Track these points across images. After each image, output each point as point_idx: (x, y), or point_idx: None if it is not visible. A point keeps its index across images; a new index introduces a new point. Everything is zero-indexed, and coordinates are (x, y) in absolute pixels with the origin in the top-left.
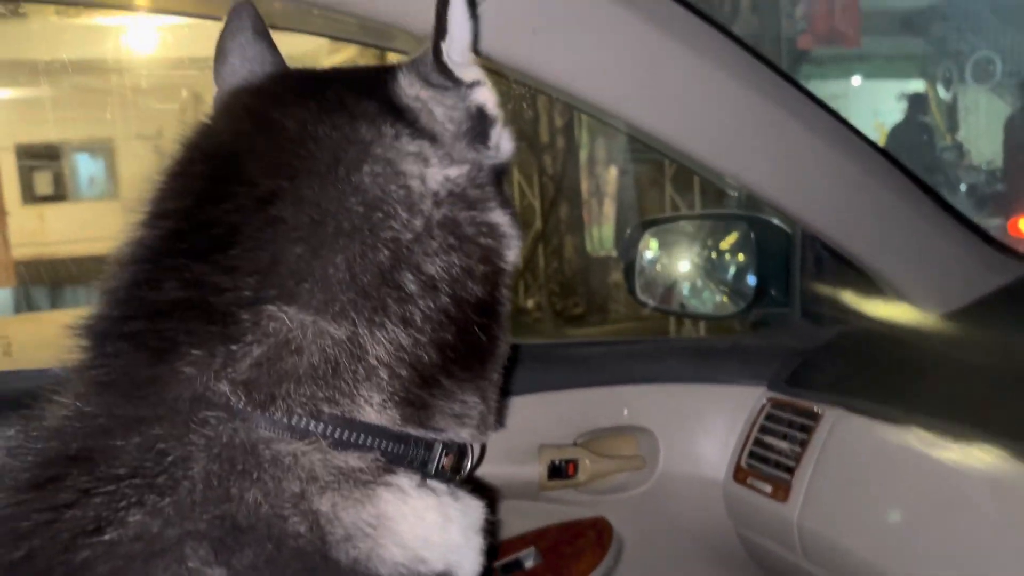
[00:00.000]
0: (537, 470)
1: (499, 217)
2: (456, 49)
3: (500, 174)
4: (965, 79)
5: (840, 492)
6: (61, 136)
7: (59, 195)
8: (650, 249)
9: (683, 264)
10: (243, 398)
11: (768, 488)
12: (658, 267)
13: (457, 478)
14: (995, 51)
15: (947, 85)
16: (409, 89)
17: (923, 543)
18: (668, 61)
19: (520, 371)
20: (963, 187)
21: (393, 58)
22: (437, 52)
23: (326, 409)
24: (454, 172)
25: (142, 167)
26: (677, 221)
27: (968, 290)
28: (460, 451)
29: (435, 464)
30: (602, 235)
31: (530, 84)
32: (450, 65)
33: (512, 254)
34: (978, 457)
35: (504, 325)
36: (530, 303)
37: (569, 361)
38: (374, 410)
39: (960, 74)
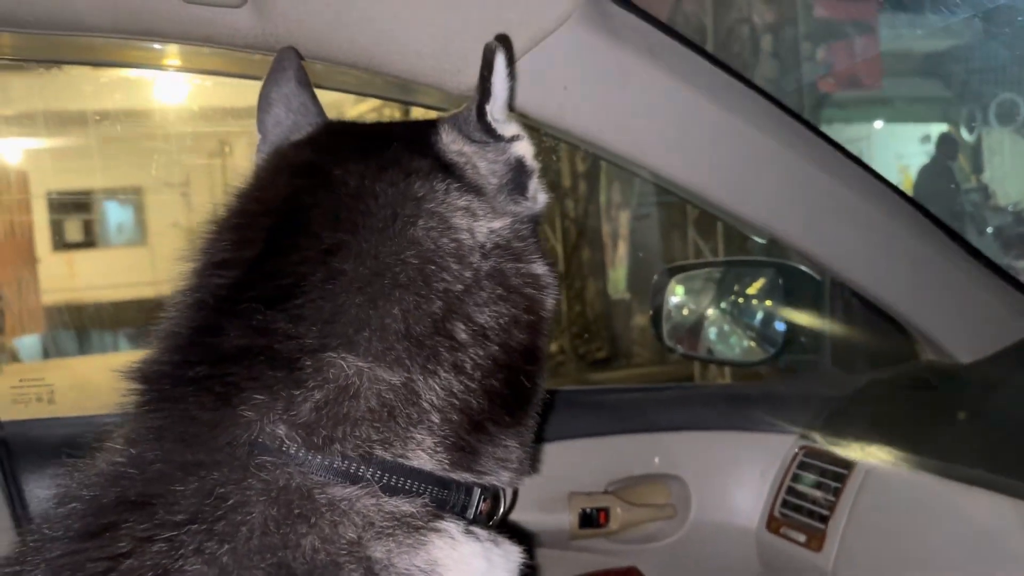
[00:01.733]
0: (568, 518)
1: (540, 268)
2: (497, 107)
3: (536, 224)
4: (989, 121)
5: (875, 542)
6: (91, 184)
7: (88, 242)
8: (676, 295)
9: (710, 310)
10: (301, 442)
11: (802, 537)
12: (685, 313)
13: (492, 523)
14: (1018, 93)
15: (970, 127)
16: (453, 145)
17: None
18: (695, 114)
19: (551, 417)
20: (989, 229)
21: (417, 111)
22: (482, 112)
23: (379, 453)
24: (498, 224)
25: (170, 215)
26: (704, 267)
27: (998, 336)
28: (494, 496)
29: (474, 509)
30: (620, 278)
31: (561, 138)
32: (493, 124)
33: (551, 303)
34: (1012, 508)
35: (544, 371)
36: (553, 347)
37: (599, 408)
38: (425, 454)
39: (983, 116)
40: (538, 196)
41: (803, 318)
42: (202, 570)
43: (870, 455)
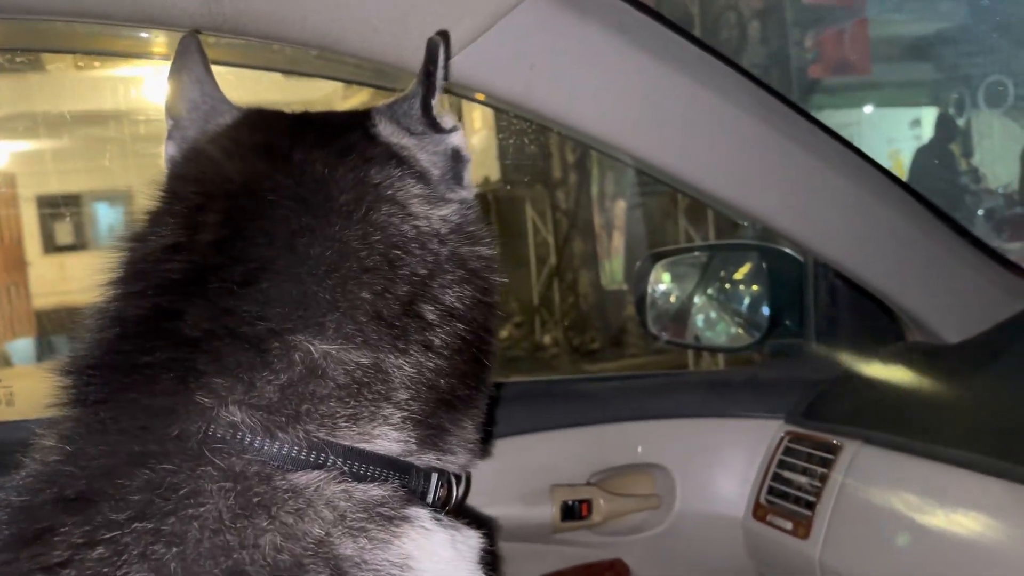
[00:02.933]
0: (550, 511)
1: (490, 251)
2: (436, 101)
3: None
4: (978, 104)
5: (862, 527)
6: (81, 186)
7: (79, 244)
8: (661, 281)
9: (695, 296)
10: (263, 425)
11: (788, 525)
12: (670, 299)
13: (447, 510)
14: (1007, 75)
15: (960, 110)
16: (393, 137)
17: None
18: (669, 91)
19: (530, 408)
20: (980, 212)
21: None
22: (427, 106)
23: (346, 432)
24: (447, 211)
25: None
26: (687, 252)
27: (987, 316)
28: (448, 482)
29: (433, 495)
30: (613, 269)
31: (531, 119)
32: (438, 118)
33: (499, 283)
34: (1001, 490)
35: (496, 351)
36: (547, 339)
37: (581, 397)
38: (393, 431)
39: (972, 99)
40: (471, 186)
41: (788, 301)
42: None
43: (856, 438)
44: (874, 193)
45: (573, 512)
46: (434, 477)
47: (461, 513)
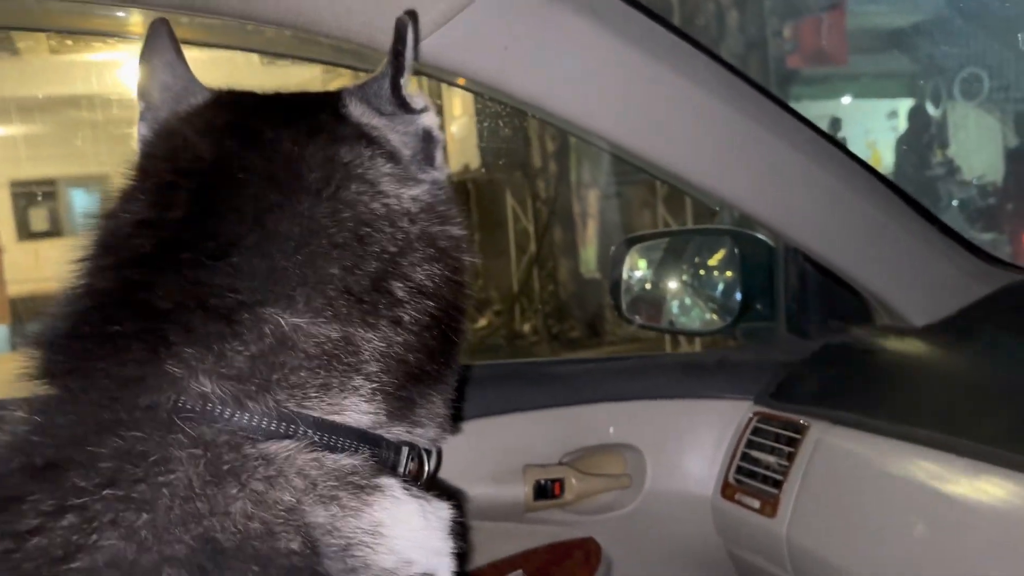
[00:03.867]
0: (522, 491)
1: (460, 231)
2: (406, 81)
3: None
4: (953, 95)
5: (828, 505)
6: (56, 172)
7: (55, 231)
8: (635, 266)
9: (669, 281)
10: (233, 394)
11: (756, 503)
12: (644, 284)
13: (418, 484)
14: (982, 67)
15: (936, 102)
16: (363, 117)
17: (909, 555)
18: (644, 78)
19: (504, 390)
20: (955, 202)
21: None
22: (396, 87)
23: (317, 403)
24: (417, 191)
25: None
26: (661, 237)
27: (953, 300)
28: (420, 456)
29: (404, 467)
30: (592, 257)
31: (506, 101)
32: (408, 98)
33: (470, 263)
34: (963, 467)
35: (466, 328)
36: (526, 327)
37: (553, 379)
38: (364, 403)
39: (948, 91)
40: (444, 167)
41: (759, 285)
42: (117, 546)
43: (823, 419)
44: (845, 179)
45: (545, 491)
46: (404, 450)
47: (431, 486)
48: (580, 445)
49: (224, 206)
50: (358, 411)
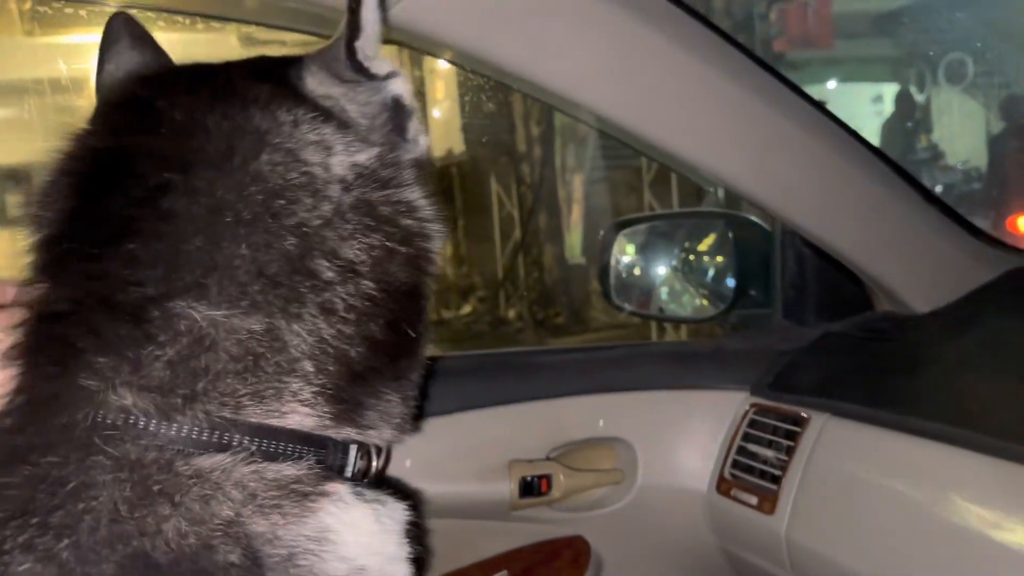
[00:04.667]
0: (508, 488)
1: (418, 197)
2: (369, 44)
3: (419, 168)
4: (938, 80)
5: (830, 502)
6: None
7: None
8: (624, 251)
9: (660, 266)
10: (156, 408)
11: (753, 499)
12: (634, 270)
13: (367, 481)
14: (967, 52)
15: (920, 87)
16: (320, 88)
17: (915, 553)
18: (634, 46)
19: (487, 382)
20: (939, 187)
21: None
22: (351, 50)
23: (251, 410)
24: (363, 157)
25: None
26: (652, 221)
27: (957, 285)
28: (368, 453)
29: (352, 468)
30: (578, 243)
31: (487, 73)
32: (365, 62)
33: (436, 244)
34: (972, 462)
35: (427, 319)
36: (511, 313)
37: (540, 370)
38: (304, 407)
39: (933, 76)
40: (419, 138)
41: (754, 271)
42: (34, 568)
43: (823, 410)
44: (845, 157)
45: (532, 488)
46: (352, 449)
47: (386, 485)
48: (568, 439)
49: (110, 189)
50: (299, 415)
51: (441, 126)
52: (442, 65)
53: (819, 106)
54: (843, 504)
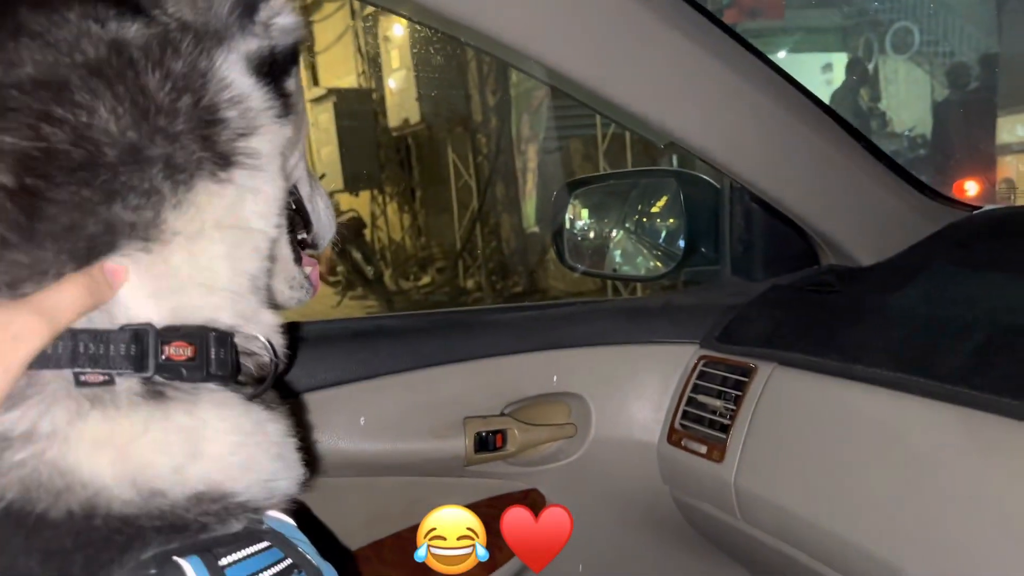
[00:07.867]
0: (463, 443)
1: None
2: None
3: (279, 66)
4: (885, 49)
5: (776, 449)
6: None
7: None
8: (577, 212)
9: (611, 225)
10: None
11: (703, 449)
12: (588, 231)
13: None
14: (913, 21)
15: (868, 56)
16: None
17: (863, 498)
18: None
19: (441, 340)
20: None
21: None
22: None
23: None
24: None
25: None
26: (604, 181)
27: (901, 238)
28: None
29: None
30: (531, 211)
31: (438, 27)
32: None
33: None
34: (917, 406)
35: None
36: (470, 283)
37: (494, 327)
38: None
39: (880, 45)
40: (276, 22)
41: (704, 228)
42: None
43: (770, 360)
44: (792, 112)
45: (487, 444)
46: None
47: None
48: (522, 395)
49: None
50: None
51: (396, 95)
52: (397, 32)
53: (767, 61)
54: (790, 451)
